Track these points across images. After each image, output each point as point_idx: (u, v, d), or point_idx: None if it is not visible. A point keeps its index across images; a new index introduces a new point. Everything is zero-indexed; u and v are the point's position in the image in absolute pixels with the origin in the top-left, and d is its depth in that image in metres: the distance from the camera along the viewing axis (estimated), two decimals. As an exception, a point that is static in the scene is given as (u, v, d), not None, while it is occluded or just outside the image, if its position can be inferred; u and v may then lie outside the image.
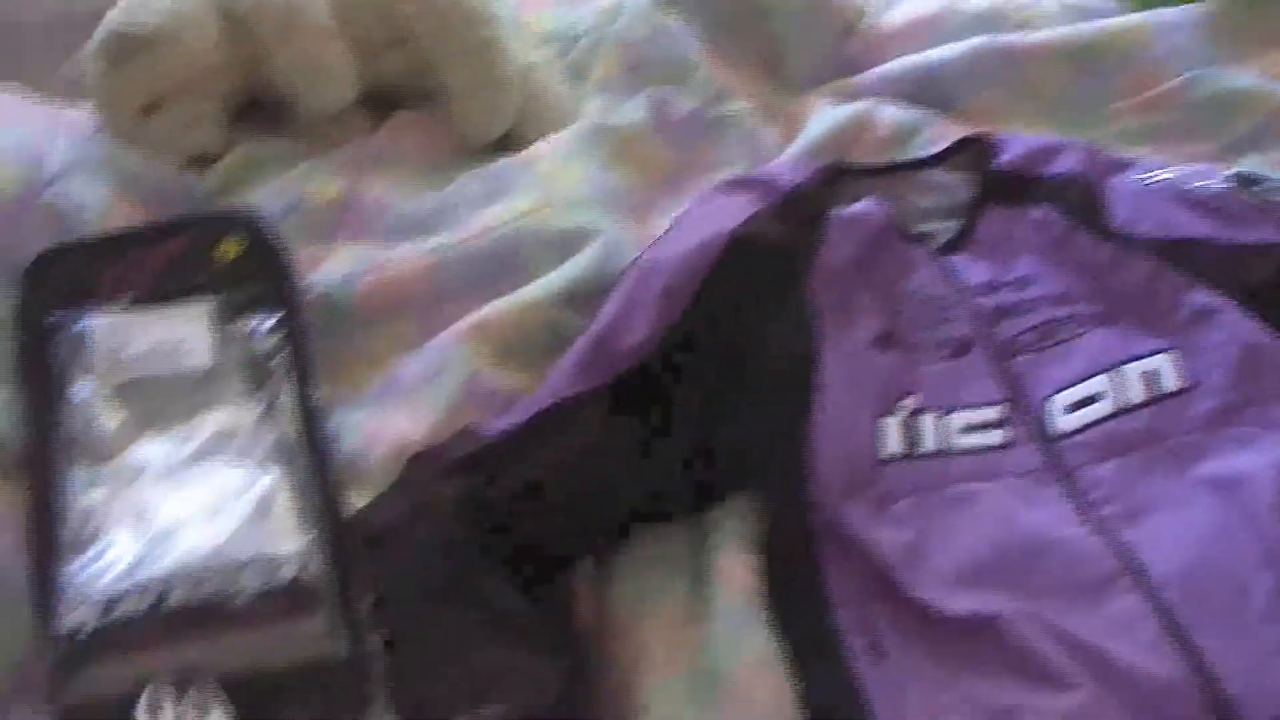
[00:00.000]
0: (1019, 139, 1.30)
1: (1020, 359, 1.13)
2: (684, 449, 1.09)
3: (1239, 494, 1.04)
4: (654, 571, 1.08)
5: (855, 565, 1.03)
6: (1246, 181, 1.21)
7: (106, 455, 1.11)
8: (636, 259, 1.17)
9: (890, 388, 1.11)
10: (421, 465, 1.07)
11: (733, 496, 1.10)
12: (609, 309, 1.13)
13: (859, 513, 1.04)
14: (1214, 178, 1.22)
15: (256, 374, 1.15)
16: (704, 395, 1.09)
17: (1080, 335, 1.15)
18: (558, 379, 1.10)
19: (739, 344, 1.10)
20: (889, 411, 1.09)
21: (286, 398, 1.13)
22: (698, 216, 1.18)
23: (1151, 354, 1.13)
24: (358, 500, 1.09)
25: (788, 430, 1.07)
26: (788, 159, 1.41)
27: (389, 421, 1.14)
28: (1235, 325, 1.12)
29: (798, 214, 1.18)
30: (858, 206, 1.19)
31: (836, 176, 1.27)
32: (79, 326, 1.17)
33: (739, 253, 1.12)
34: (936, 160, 1.31)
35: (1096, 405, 1.11)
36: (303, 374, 1.15)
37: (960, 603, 1.00)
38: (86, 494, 1.08)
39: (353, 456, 1.13)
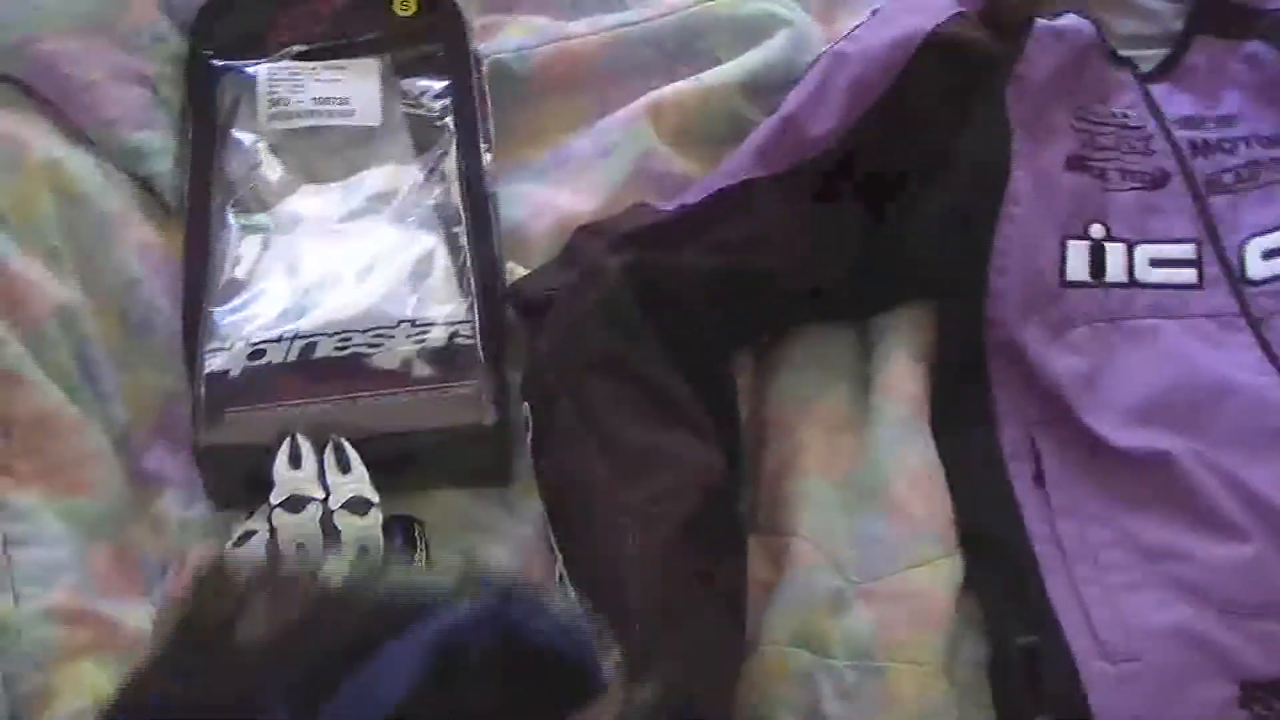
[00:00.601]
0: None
1: (1219, 198, 1.06)
2: (859, 248, 1.03)
3: None
4: (816, 373, 1.04)
5: (1025, 387, 0.98)
6: None
7: (265, 204, 1.08)
8: (828, 49, 1.09)
9: (1080, 211, 1.04)
10: (589, 237, 1.03)
11: (904, 305, 1.05)
12: (795, 97, 1.06)
13: (1036, 334, 0.99)
14: None
15: (424, 135, 1.11)
16: (886, 196, 1.03)
17: None
18: (738, 161, 1.04)
19: (929, 147, 1.03)
20: (1079, 235, 1.03)
21: (452, 162, 1.09)
22: (899, 9, 1.10)
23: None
24: (517, 270, 1.05)
25: (972, 242, 1.01)
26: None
27: (556, 195, 1.10)
28: None
29: (1002, 19, 1.10)
30: (1066, 20, 1.10)
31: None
32: (247, 74, 1.14)
33: (938, 52, 1.05)
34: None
35: None
36: (471, 139, 1.10)
37: (1131, 437, 0.95)
38: (243, 241, 1.06)
39: (516, 227, 1.08)
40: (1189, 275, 1.02)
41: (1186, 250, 1.03)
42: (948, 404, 1.00)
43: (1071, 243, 1.02)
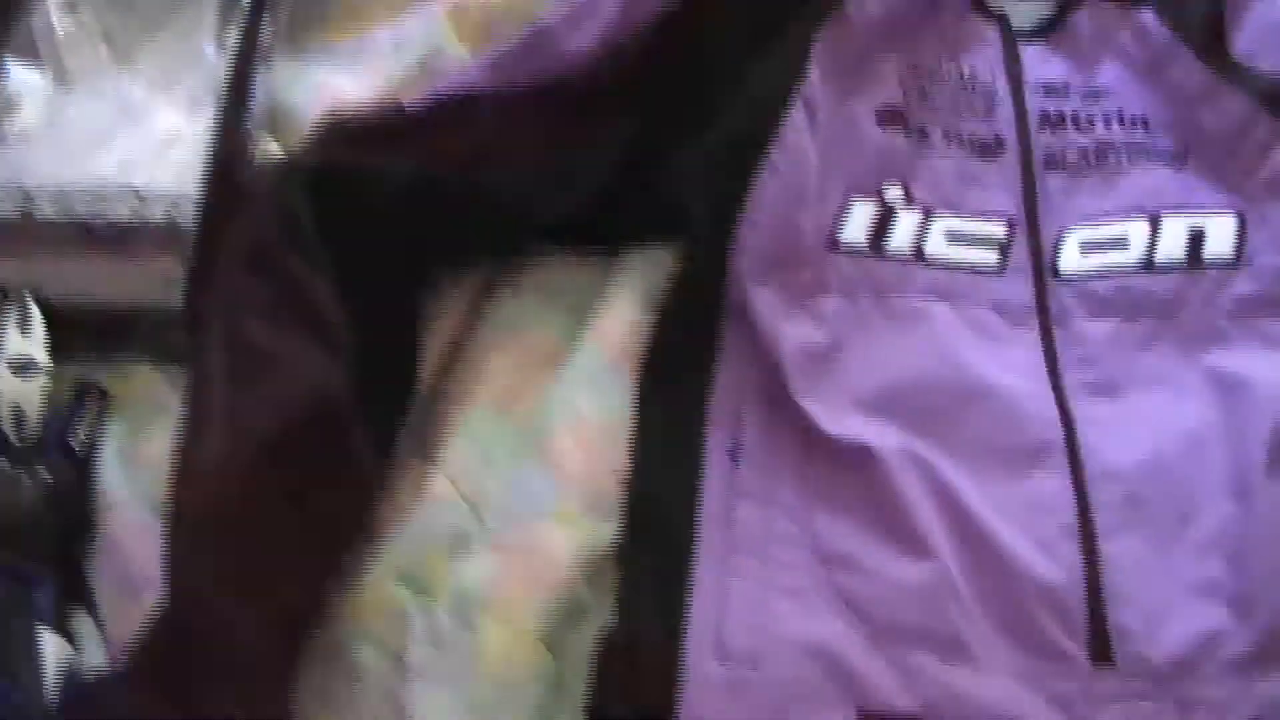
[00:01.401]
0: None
1: (1054, 178, 0.95)
2: (603, 178, 0.94)
3: (1240, 400, 0.85)
4: (536, 302, 0.96)
5: (753, 354, 0.89)
6: None
7: (49, 57, 1.05)
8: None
9: (879, 168, 0.94)
10: (332, 127, 0.96)
11: (654, 245, 0.96)
12: (560, 6, 0.97)
13: (772, 297, 0.89)
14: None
15: (228, 8, 1.06)
16: (649, 124, 0.94)
17: (1135, 167, 0.94)
18: (474, 70, 0.95)
19: (708, 78, 0.94)
20: (867, 193, 0.92)
21: (235, 38, 1.04)
22: None
23: (1210, 209, 0.92)
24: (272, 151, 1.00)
25: (730, 187, 0.91)
26: None
27: (342, 84, 1.04)
28: None
29: None
30: None
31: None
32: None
33: None
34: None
35: (1119, 252, 0.92)
36: (256, 15, 1.05)
37: (846, 426, 0.85)
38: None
39: (291, 111, 1.03)
40: (989, 257, 0.92)
41: (996, 229, 0.93)
42: (666, 356, 0.91)
43: (858, 202, 0.92)
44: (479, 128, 0.92)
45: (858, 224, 0.92)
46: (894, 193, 0.93)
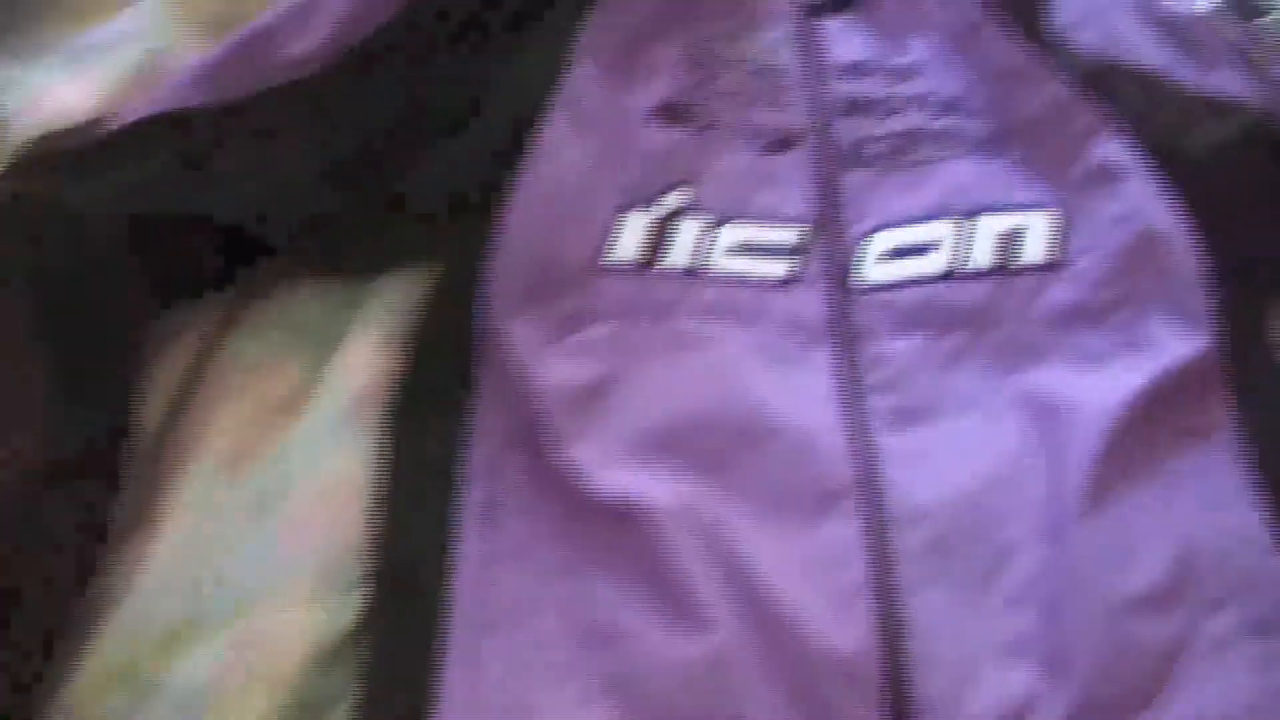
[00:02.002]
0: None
1: (856, 174, 0.85)
2: (344, 190, 0.82)
3: (1056, 426, 0.76)
4: (279, 339, 0.84)
5: (513, 394, 0.78)
6: (1247, 9, 0.86)
7: None
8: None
9: (660, 172, 0.84)
10: (32, 154, 0.83)
11: (410, 270, 0.85)
12: (279, 4, 0.85)
13: (528, 331, 0.79)
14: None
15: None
16: (389, 132, 0.83)
17: (944, 159, 0.85)
18: (196, 77, 0.83)
19: (459, 80, 0.83)
20: (642, 203, 0.82)
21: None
22: None
23: (1026, 207, 0.82)
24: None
25: (480, 205, 0.80)
26: None
27: (58, 87, 0.91)
28: (1141, 199, 0.81)
29: None
30: None
31: None
32: None
33: None
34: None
35: (925, 258, 0.82)
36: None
37: (615, 478, 0.75)
38: None
39: (10, 119, 0.91)
40: (780, 268, 0.82)
41: (788, 235, 0.83)
42: (415, 400, 0.79)
43: (630, 214, 0.82)
44: (191, 146, 0.80)
45: (632, 238, 0.82)
46: (676, 199, 0.83)
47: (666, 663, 0.70)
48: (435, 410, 0.78)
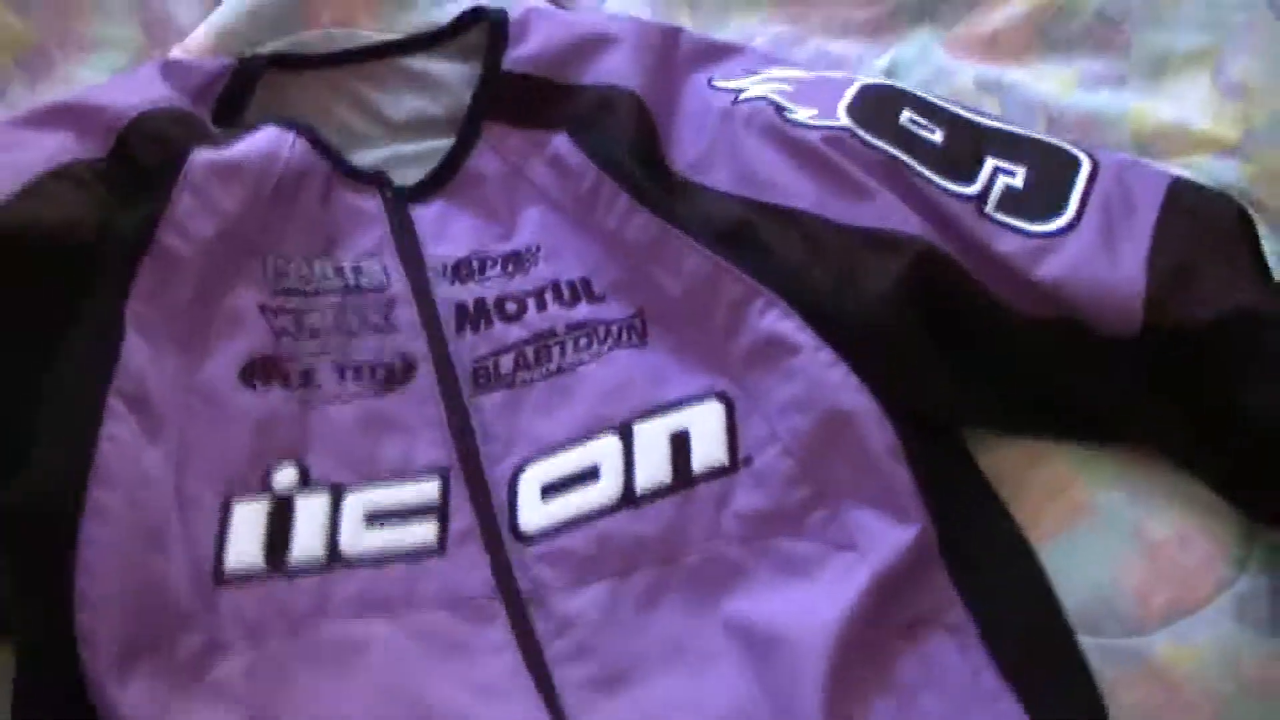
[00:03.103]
0: (558, 16, 0.84)
1: (488, 398, 0.72)
2: None
3: (774, 660, 0.65)
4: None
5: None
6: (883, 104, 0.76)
7: None
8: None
9: (260, 447, 0.69)
10: None
11: None
12: None
13: (151, 691, 0.63)
14: (844, 86, 0.78)
15: None
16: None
17: (585, 363, 0.73)
18: None
19: (21, 367, 0.67)
20: (251, 489, 0.68)
21: None
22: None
23: (687, 402, 0.71)
24: None
25: (42, 559, 0.64)
26: (181, 51, 0.88)
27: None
28: (817, 374, 0.70)
29: (141, 163, 0.73)
30: (251, 143, 0.75)
31: (249, 79, 0.82)
32: None
33: (12, 242, 0.69)
34: (432, 41, 0.85)
35: (590, 488, 0.71)
36: None
37: None
38: None
39: None
40: (428, 533, 0.69)
41: (428, 490, 0.70)
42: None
43: (240, 506, 0.68)
44: None
45: (248, 534, 0.68)
46: (285, 476, 0.69)
47: None
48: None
